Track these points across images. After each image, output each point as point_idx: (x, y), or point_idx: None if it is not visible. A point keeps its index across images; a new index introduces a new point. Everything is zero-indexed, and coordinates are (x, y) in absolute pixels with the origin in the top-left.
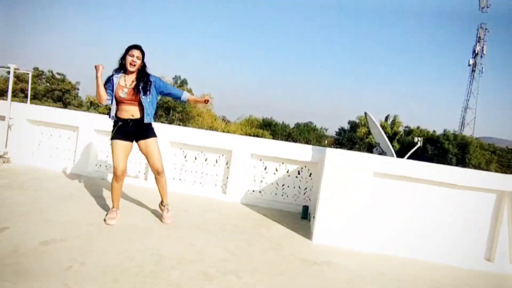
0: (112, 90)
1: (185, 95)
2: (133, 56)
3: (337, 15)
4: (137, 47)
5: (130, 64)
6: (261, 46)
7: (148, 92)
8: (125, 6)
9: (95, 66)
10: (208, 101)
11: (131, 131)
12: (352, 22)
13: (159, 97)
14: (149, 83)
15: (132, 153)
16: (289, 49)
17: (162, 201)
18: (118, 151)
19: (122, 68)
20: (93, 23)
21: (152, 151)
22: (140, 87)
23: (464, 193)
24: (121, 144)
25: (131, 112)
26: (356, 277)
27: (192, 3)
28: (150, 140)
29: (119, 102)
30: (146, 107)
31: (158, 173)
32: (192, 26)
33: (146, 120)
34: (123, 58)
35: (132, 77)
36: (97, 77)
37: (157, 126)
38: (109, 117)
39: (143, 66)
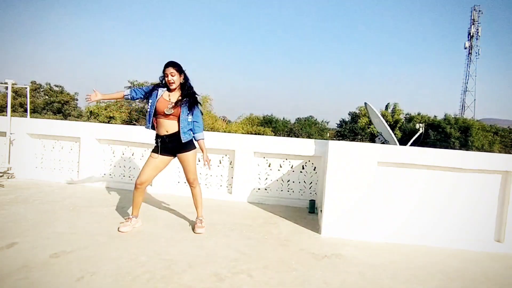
0: (148, 99)
1: (200, 137)
2: (167, 76)
3: (330, 4)
4: (170, 64)
5: (169, 83)
6: (257, 44)
7: (190, 112)
8: (121, 11)
9: (89, 96)
10: (208, 164)
11: (169, 147)
12: (346, 11)
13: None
14: (193, 104)
15: (135, 159)
16: (285, 45)
17: (197, 215)
18: (149, 162)
19: (166, 86)
20: (88, 32)
21: (187, 164)
22: (186, 105)
23: (469, 176)
24: (157, 157)
25: (166, 127)
26: (368, 267)
27: (188, 4)
28: (189, 154)
29: (157, 115)
30: (182, 126)
31: (190, 183)
32: (188, 27)
33: (184, 139)
34: (163, 77)
35: (177, 94)
36: (103, 99)
37: None
38: (146, 127)
39: (185, 79)
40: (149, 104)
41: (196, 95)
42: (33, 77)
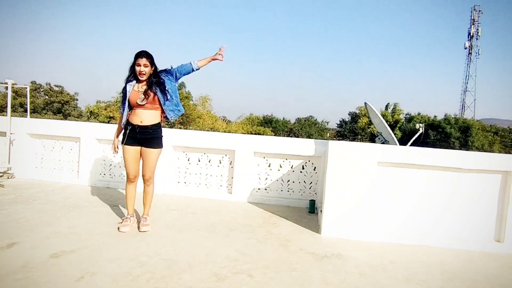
0: (126, 98)
1: (195, 65)
2: (140, 65)
3: (331, 4)
4: (143, 54)
5: (140, 74)
6: (257, 44)
7: (167, 95)
8: (122, 9)
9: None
10: (221, 54)
11: (137, 137)
12: (346, 11)
13: (178, 83)
14: (163, 86)
15: None
16: (285, 45)
17: (143, 212)
18: (127, 157)
19: (134, 75)
20: (88, 31)
21: (149, 159)
22: (159, 93)
23: (469, 176)
24: (130, 149)
25: (140, 117)
26: (368, 267)
27: (188, 4)
28: (152, 151)
29: (132, 107)
30: (166, 108)
31: (145, 180)
32: (188, 27)
33: (172, 117)
34: (133, 67)
35: (145, 83)
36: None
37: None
38: (122, 125)
39: (154, 71)
40: (124, 100)
41: (161, 76)
42: (33, 77)
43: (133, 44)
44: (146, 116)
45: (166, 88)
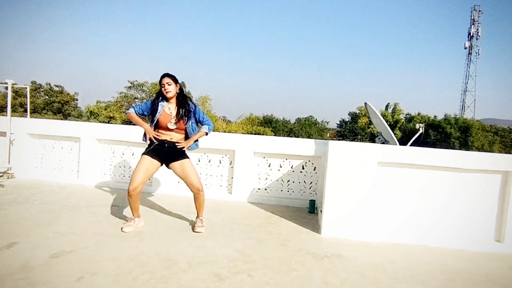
0: (153, 114)
1: (205, 129)
2: (164, 85)
3: (330, 4)
4: (165, 75)
5: (166, 93)
6: (257, 44)
7: (189, 120)
8: (121, 10)
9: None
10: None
11: (164, 151)
12: (346, 11)
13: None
14: (191, 111)
15: (135, 159)
16: (285, 45)
17: (197, 215)
18: (139, 167)
19: (162, 96)
20: (88, 31)
21: (189, 172)
22: (183, 115)
23: (469, 176)
24: (147, 160)
25: (170, 135)
26: (368, 267)
27: (188, 4)
28: (185, 161)
29: (160, 127)
30: (190, 134)
31: (196, 192)
32: (188, 27)
33: (191, 148)
34: (160, 91)
35: (173, 104)
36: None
37: None
38: (142, 139)
39: (180, 89)
40: (154, 117)
41: (189, 102)
42: (33, 77)
43: (134, 43)
44: (175, 135)
45: (189, 118)
